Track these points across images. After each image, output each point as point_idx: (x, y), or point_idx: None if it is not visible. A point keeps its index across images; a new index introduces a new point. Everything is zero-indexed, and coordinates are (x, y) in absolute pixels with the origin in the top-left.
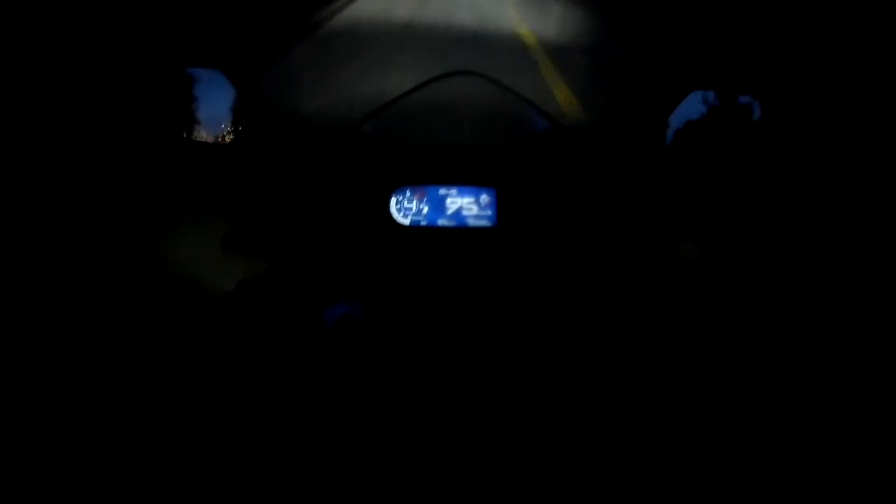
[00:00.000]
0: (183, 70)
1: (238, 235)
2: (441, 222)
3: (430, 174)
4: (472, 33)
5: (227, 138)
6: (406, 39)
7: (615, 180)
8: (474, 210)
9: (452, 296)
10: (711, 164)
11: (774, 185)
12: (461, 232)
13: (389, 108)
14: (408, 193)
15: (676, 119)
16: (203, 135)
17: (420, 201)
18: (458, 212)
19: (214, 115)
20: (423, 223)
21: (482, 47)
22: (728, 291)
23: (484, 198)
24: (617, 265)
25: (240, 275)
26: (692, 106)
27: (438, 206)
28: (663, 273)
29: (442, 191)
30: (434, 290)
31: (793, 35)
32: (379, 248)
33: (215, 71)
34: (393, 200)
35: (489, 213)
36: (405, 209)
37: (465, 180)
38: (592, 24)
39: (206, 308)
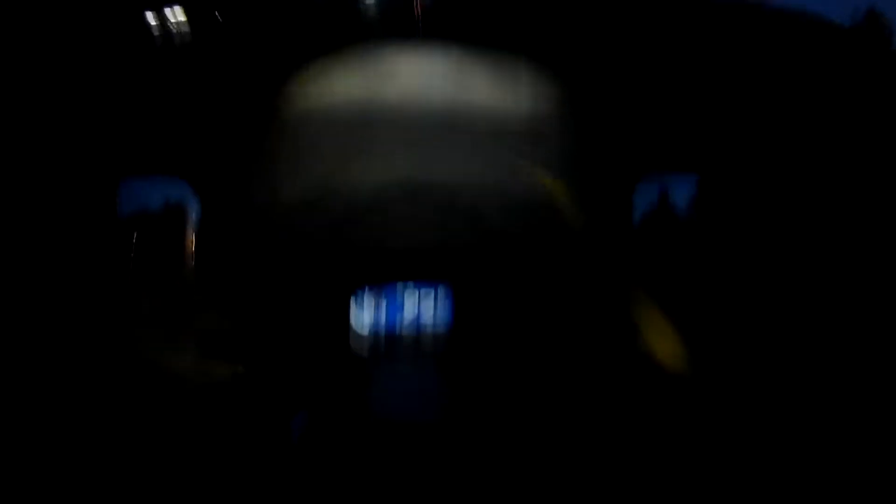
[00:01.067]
0: (145, 179)
1: (210, 340)
2: (399, 318)
3: (387, 274)
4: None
5: (192, 246)
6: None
7: (575, 268)
8: (430, 306)
9: (412, 400)
10: (675, 247)
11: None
12: (420, 328)
13: (351, 215)
14: (367, 291)
15: (639, 201)
16: (169, 243)
17: (378, 298)
18: (415, 307)
19: (179, 222)
20: (382, 321)
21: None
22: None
23: (440, 292)
24: (577, 356)
25: (215, 375)
26: (652, 189)
27: (396, 302)
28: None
29: (399, 288)
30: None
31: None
32: (340, 352)
33: (177, 179)
34: (352, 299)
35: (446, 307)
36: (364, 309)
37: (421, 277)
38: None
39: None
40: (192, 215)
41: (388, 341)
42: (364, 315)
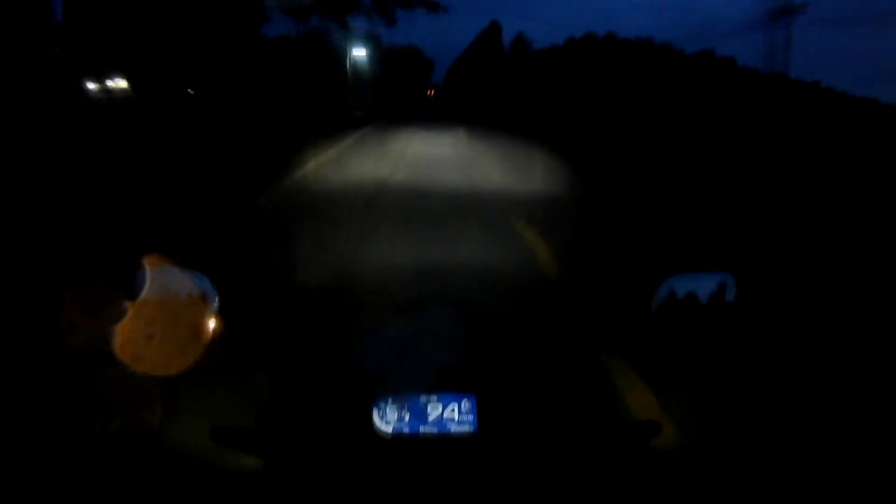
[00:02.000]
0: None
1: (226, 431)
2: (423, 430)
3: (410, 384)
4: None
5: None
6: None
7: (594, 370)
8: (455, 416)
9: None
10: (692, 344)
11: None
12: (443, 440)
13: (369, 332)
14: (389, 402)
15: (657, 304)
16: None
17: (401, 410)
18: (439, 419)
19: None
20: (406, 431)
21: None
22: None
23: (465, 403)
24: (602, 458)
25: (228, 465)
26: (672, 289)
27: (420, 414)
28: (647, 460)
29: (423, 398)
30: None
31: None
32: (362, 458)
33: (199, 275)
34: (375, 410)
35: (470, 418)
36: (387, 418)
37: (446, 388)
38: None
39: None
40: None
41: (412, 447)
42: (388, 421)
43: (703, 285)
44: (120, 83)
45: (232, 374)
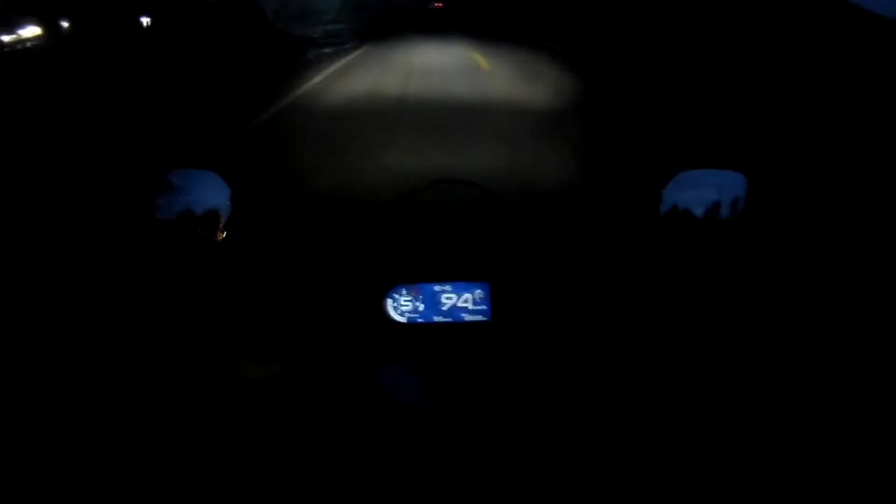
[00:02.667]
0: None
1: (245, 340)
2: (437, 319)
3: (424, 272)
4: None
5: (224, 233)
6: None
7: (606, 260)
8: (469, 305)
9: (449, 392)
10: (704, 240)
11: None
12: (457, 327)
13: (382, 212)
14: (403, 292)
15: (669, 195)
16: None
17: (416, 299)
18: (452, 308)
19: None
20: (420, 320)
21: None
22: (721, 380)
23: (478, 293)
24: (611, 352)
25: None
26: (683, 183)
27: (434, 303)
28: (656, 361)
29: (436, 287)
30: (431, 388)
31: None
32: (377, 347)
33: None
34: (389, 300)
35: (484, 307)
36: (401, 307)
37: (459, 277)
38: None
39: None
40: (224, 211)
41: (426, 335)
42: (402, 310)
43: (714, 183)
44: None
45: (248, 279)
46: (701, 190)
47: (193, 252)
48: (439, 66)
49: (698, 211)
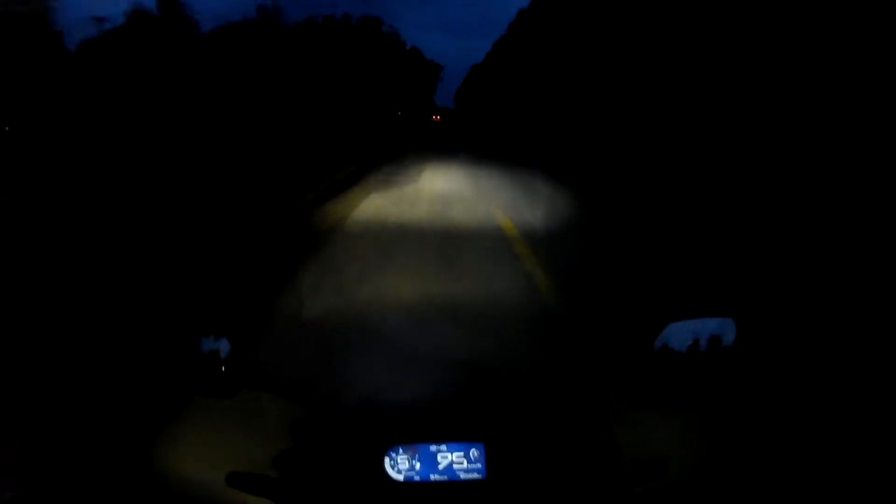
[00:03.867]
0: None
1: (241, 477)
2: (433, 477)
3: (420, 433)
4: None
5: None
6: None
7: (601, 409)
8: (464, 465)
9: None
10: (694, 386)
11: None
12: (453, 486)
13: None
14: (401, 451)
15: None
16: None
17: (412, 458)
18: (449, 467)
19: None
20: (417, 479)
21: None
22: None
23: (473, 452)
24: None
25: None
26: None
27: (430, 462)
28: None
29: (433, 448)
30: None
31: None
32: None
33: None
34: (387, 459)
35: (479, 466)
36: (399, 466)
37: (455, 437)
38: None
39: None
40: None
41: (423, 493)
42: (399, 469)
43: (705, 330)
44: None
45: (246, 419)
46: (690, 338)
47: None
48: None
49: (687, 357)
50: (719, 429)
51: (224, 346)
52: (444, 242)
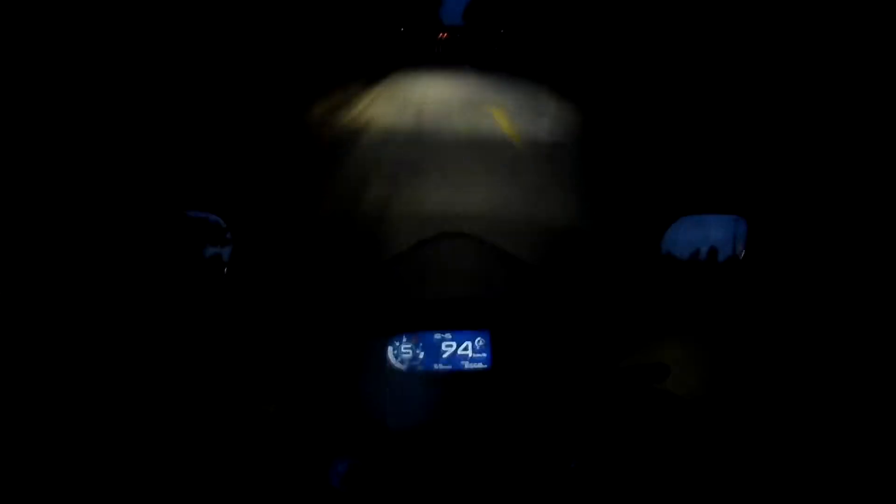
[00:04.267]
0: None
1: (248, 375)
2: (437, 367)
3: (425, 321)
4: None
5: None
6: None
7: (607, 301)
8: (469, 353)
9: (450, 439)
10: (703, 282)
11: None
12: (457, 375)
13: (385, 266)
14: (404, 339)
15: (668, 243)
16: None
17: (416, 347)
18: (453, 356)
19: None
20: (420, 368)
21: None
22: (722, 426)
23: (479, 341)
24: (612, 395)
25: (245, 411)
26: (682, 230)
27: (434, 351)
28: (657, 402)
29: (437, 336)
30: (432, 434)
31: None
32: (378, 394)
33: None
34: (390, 348)
35: (483, 355)
36: (402, 355)
37: (460, 325)
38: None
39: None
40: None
41: (426, 382)
42: (403, 358)
43: (715, 228)
44: None
45: (248, 312)
46: (701, 233)
47: (200, 286)
48: None
49: (700, 253)
50: (717, 351)
51: (226, 242)
52: None
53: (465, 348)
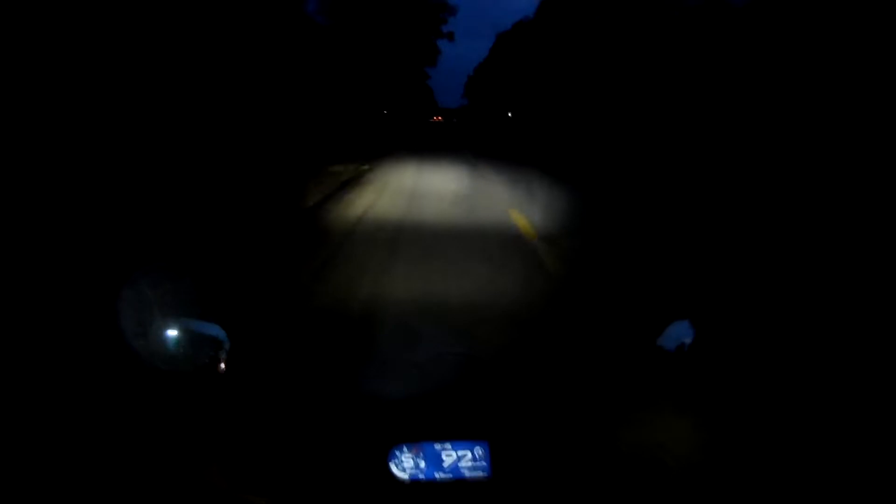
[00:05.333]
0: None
1: (241, 475)
2: (438, 476)
3: (424, 432)
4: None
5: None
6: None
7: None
8: (469, 463)
9: None
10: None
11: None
12: (458, 484)
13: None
14: (405, 450)
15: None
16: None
17: (417, 457)
18: (453, 465)
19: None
20: (422, 478)
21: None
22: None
23: (478, 451)
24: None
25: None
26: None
27: (435, 461)
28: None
29: (437, 446)
30: None
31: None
32: (380, 502)
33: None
34: (392, 458)
35: (483, 464)
36: (404, 465)
37: (459, 436)
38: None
39: None
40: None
41: (429, 496)
42: (404, 468)
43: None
44: None
45: (247, 418)
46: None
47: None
48: None
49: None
50: (712, 426)
51: (224, 347)
52: None
53: (465, 458)
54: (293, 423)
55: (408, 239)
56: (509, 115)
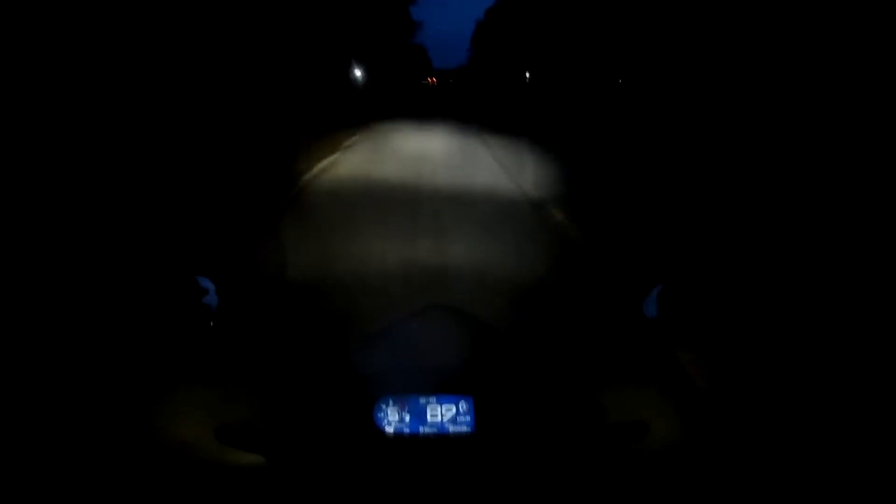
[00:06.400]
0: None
1: (230, 430)
2: (422, 430)
3: (410, 386)
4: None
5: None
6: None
7: (590, 369)
8: (453, 418)
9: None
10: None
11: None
12: (442, 439)
13: (371, 333)
14: (390, 403)
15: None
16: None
17: (402, 411)
18: (438, 420)
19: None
20: (406, 431)
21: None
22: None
23: (462, 405)
24: (592, 459)
25: (231, 463)
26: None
27: (420, 415)
28: (638, 457)
29: (422, 400)
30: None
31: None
32: (364, 456)
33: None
34: (376, 411)
35: (468, 419)
36: (388, 419)
37: (444, 389)
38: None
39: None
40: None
41: (412, 451)
42: (388, 421)
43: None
44: None
45: (235, 374)
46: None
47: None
48: None
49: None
50: (697, 399)
51: (212, 299)
52: None
53: (450, 412)
54: (280, 379)
55: None
56: (527, 75)
